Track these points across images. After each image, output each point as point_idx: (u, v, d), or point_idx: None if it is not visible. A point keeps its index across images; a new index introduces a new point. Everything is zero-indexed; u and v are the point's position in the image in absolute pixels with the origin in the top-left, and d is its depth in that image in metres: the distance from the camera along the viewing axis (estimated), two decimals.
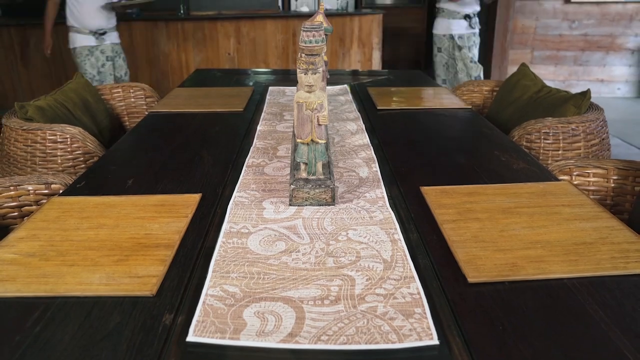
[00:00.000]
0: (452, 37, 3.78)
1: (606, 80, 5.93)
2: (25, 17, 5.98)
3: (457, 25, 3.77)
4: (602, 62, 5.89)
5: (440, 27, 3.86)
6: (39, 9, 5.84)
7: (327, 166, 1.18)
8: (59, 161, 1.87)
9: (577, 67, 5.89)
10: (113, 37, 3.71)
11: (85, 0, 3.51)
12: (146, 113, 2.09)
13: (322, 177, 1.14)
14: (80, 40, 3.60)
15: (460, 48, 3.76)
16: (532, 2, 5.61)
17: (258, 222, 1.09)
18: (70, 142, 1.85)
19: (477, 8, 3.80)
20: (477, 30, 3.84)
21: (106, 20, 3.60)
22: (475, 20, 3.80)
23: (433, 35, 3.97)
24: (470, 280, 0.87)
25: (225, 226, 1.07)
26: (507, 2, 5.46)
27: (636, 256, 0.94)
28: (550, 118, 1.87)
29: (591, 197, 1.37)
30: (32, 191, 1.37)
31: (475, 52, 3.85)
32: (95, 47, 3.62)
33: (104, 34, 3.61)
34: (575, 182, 1.45)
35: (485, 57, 5.86)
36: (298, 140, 1.13)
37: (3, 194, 1.35)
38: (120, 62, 3.81)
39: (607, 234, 1.02)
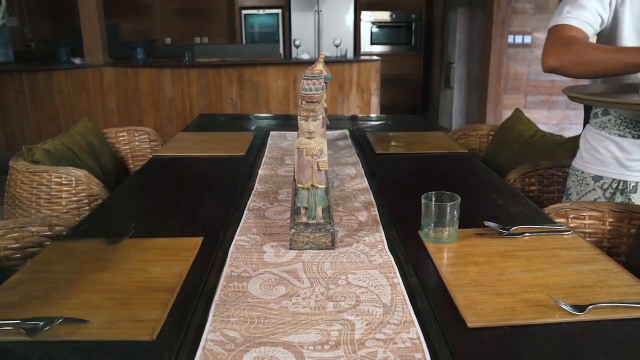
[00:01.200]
0: None
1: None
2: (37, 62, 6.11)
3: None
4: None
5: None
6: (50, 55, 5.98)
7: (327, 210, 1.18)
8: (64, 203, 1.87)
9: (570, 111, 5.96)
10: None
11: None
12: (150, 156, 2.10)
13: (322, 221, 1.14)
14: None
15: None
16: (524, 50, 5.74)
17: (259, 265, 1.08)
18: (75, 184, 1.86)
19: None
20: None
21: None
22: None
23: None
24: (470, 325, 0.86)
25: (226, 270, 1.06)
26: (499, 49, 5.59)
27: (636, 299, 0.93)
28: (545, 161, 1.89)
29: (587, 239, 1.37)
30: (35, 233, 1.37)
31: None
32: None
33: None
34: (571, 225, 1.45)
35: (480, 102, 5.95)
36: (298, 185, 1.13)
37: (7, 236, 1.34)
38: None
39: (605, 277, 1.01)
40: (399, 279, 1.01)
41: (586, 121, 1.69)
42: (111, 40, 5.94)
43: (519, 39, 5.68)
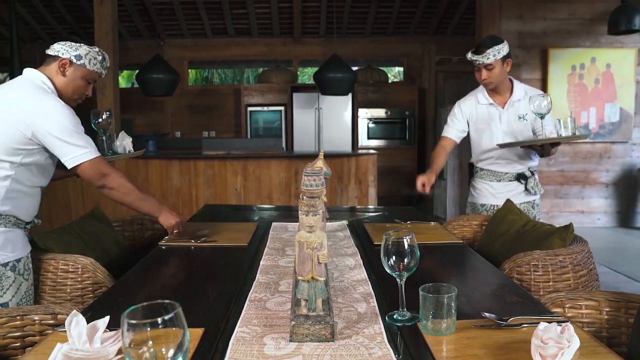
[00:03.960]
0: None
1: (586, 212, 6.04)
2: None
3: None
4: (581, 195, 6.05)
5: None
6: None
7: (327, 302, 1.16)
8: (68, 290, 1.84)
9: (558, 199, 6.02)
10: None
11: None
12: (155, 245, 2.09)
13: (322, 313, 1.12)
14: None
15: None
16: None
17: (259, 358, 1.04)
18: (81, 272, 1.84)
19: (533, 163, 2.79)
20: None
21: None
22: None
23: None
24: None
25: None
26: None
27: None
28: (538, 251, 1.87)
29: (585, 329, 1.33)
30: (37, 321, 1.33)
31: None
32: None
33: None
34: (568, 315, 1.41)
35: None
36: (299, 278, 1.12)
37: (8, 324, 1.31)
38: None
39: None
40: None
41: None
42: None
43: None
